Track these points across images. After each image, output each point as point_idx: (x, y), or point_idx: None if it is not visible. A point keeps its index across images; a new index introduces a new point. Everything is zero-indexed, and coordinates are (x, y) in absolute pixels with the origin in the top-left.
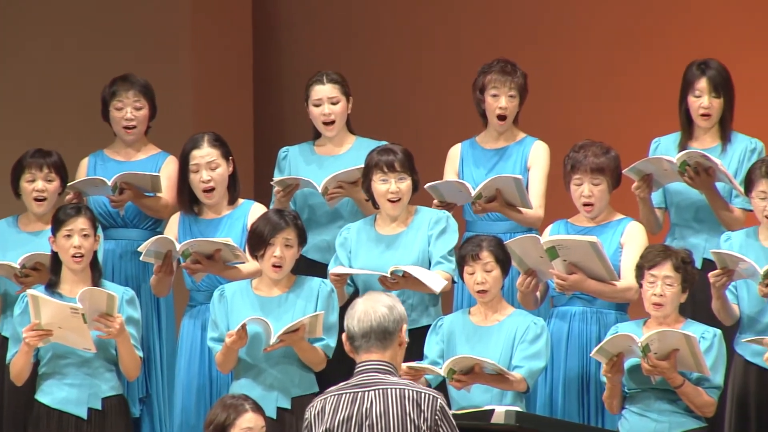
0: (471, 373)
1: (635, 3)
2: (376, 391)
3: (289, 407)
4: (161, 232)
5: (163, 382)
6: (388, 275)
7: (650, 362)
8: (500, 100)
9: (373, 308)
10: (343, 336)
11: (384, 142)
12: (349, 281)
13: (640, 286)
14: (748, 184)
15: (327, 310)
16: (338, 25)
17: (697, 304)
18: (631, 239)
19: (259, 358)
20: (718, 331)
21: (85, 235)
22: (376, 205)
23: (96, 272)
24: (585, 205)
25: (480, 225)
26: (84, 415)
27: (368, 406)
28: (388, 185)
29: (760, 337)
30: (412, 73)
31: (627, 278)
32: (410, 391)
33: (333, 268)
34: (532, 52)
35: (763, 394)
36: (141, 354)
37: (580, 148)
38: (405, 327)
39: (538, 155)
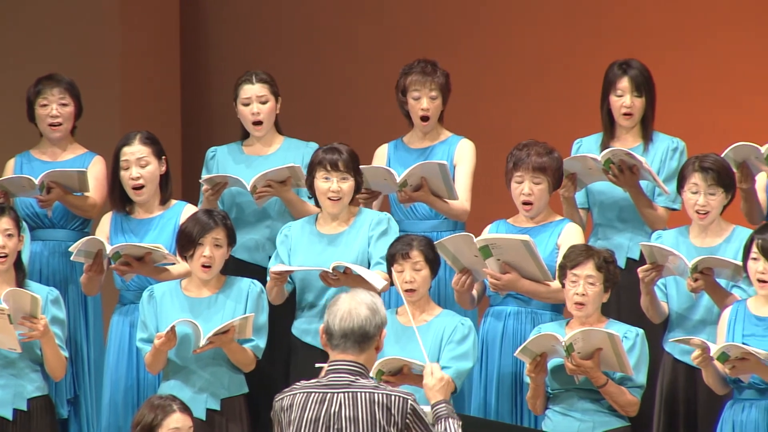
0: (399, 374)
1: (562, 4)
2: (346, 394)
3: (218, 408)
4: (89, 233)
5: (91, 382)
6: (330, 271)
7: (574, 362)
8: (422, 101)
9: (357, 310)
10: (320, 328)
11: (313, 143)
12: (288, 278)
13: (563, 285)
14: (681, 180)
15: (257, 311)
16: (267, 24)
17: (622, 304)
18: (567, 240)
19: (188, 360)
20: (641, 331)
21: (9, 235)
22: (317, 203)
23: (20, 273)
24: (524, 203)
25: (406, 224)
26: (9, 416)
27: (336, 410)
28: (330, 184)
29: (688, 337)
30: (341, 73)
31: None
32: (380, 395)
33: (273, 266)
34: (461, 52)
35: (691, 392)
36: (66, 354)
37: (523, 147)
38: (385, 331)
39: (463, 153)
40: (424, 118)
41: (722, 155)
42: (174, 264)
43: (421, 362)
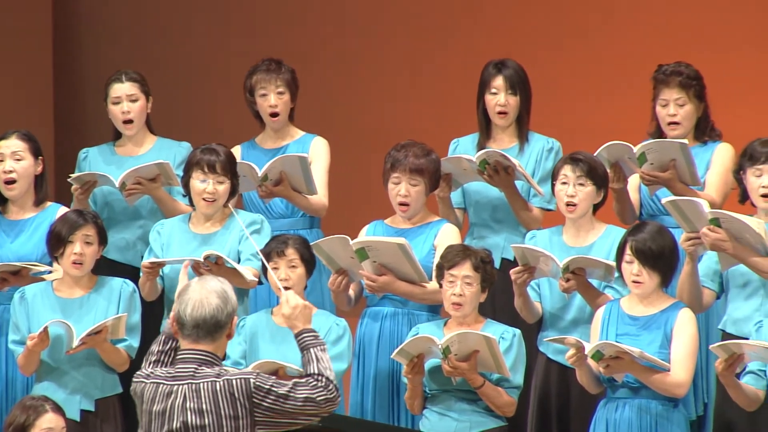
0: (276, 376)
1: (435, 4)
2: (189, 386)
3: (92, 409)
4: None
5: None
6: (202, 261)
7: (451, 364)
8: (269, 98)
9: (208, 299)
10: (171, 315)
11: (186, 143)
12: (161, 273)
13: (441, 286)
14: (553, 176)
15: (129, 310)
16: (141, 25)
17: (497, 304)
18: (444, 241)
19: (61, 361)
20: (518, 331)
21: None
22: (191, 203)
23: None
24: (401, 204)
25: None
26: None
27: (181, 402)
28: (206, 185)
29: (562, 336)
30: (215, 73)
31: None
32: (221, 383)
33: (144, 260)
34: (332, 51)
35: (564, 392)
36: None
37: (401, 148)
38: (236, 318)
39: (318, 150)
40: (274, 115)
41: (595, 154)
42: (51, 272)
43: (296, 366)
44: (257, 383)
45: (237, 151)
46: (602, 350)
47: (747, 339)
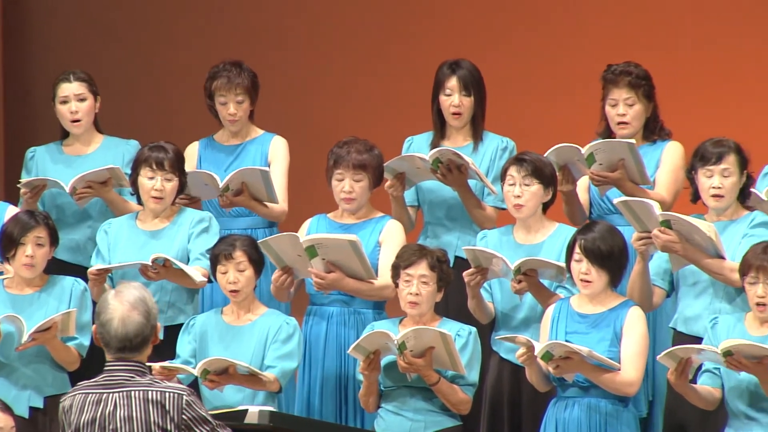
0: (225, 374)
1: (390, 3)
2: (120, 394)
3: (41, 407)
4: None
5: None
6: (150, 264)
7: (406, 359)
8: (229, 106)
9: (130, 317)
10: (94, 328)
11: (134, 141)
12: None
13: (396, 285)
14: (502, 176)
15: (80, 308)
16: (91, 25)
17: (450, 302)
18: (389, 237)
19: (11, 357)
20: (473, 329)
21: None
22: (140, 201)
23: None
24: (345, 200)
25: (220, 221)
26: None
27: (111, 410)
28: (154, 182)
29: (512, 335)
30: (166, 72)
31: (384, 276)
32: (154, 393)
33: (91, 267)
34: (284, 51)
35: (515, 391)
36: None
37: (344, 144)
38: (159, 325)
39: (277, 151)
40: (232, 122)
41: (544, 156)
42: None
43: (245, 363)
44: (188, 399)
45: (195, 147)
46: (552, 350)
47: (697, 337)
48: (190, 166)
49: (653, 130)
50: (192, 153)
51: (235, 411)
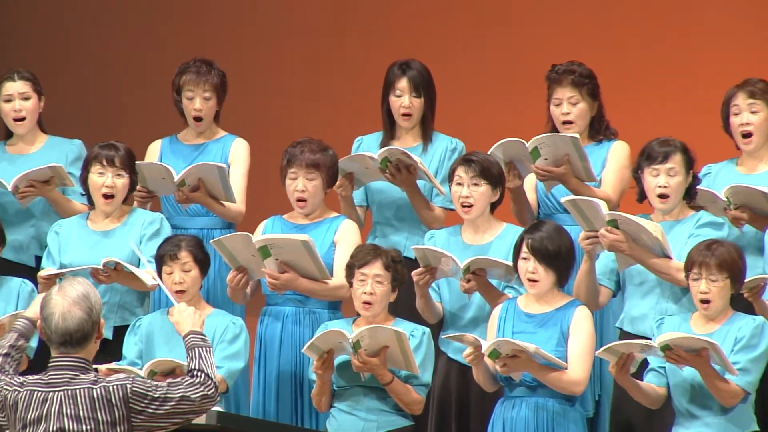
0: (172, 374)
1: (338, 2)
2: (66, 392)
3: None
4: None
5: None
6: (101, 268)
7: (360, 358)
8: (195, 101)
9: (71, 312)
10: (38, 324)
11: (77, 140)
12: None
13: (351, 284)
14: (450, 176)
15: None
16: (37, 24)
17: (399, 302)
18: (344, 237)
19: None
20: (427, 330)
21: None
22: (90, 200)
23: None
24: (299, 200)
25: (177, 220)
26: None
27: (57, 408)
28: (105, 179)
29: (460, 334)
30: (113, 72)
31: (339, 276)
32: (98, 390)
33: (41, 272)
34: (234, 51)
35: (463, 391)
36: None
37: (297, 144)
38: (103, 321)
39: (238, 153)
40: (198, 119)
41: (489, 152)
42: None
43: None
44: (134, 388)
45: (157, 145)
46: (499, 348)
47: (644, 337)
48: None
49: (599, 130)
50: (154, 150)
51: None
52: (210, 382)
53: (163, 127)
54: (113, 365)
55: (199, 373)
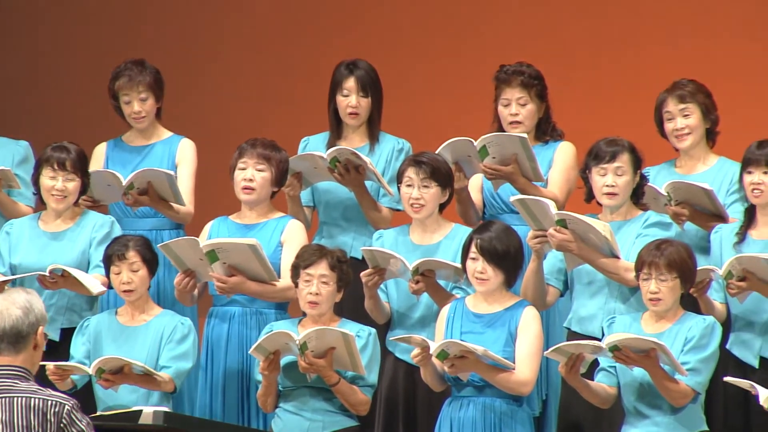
0: (120, 372)
1: (286, 2)
2: (3, 400)
3: None
4: None
5: None
6: (47, 274)
7: (307, 360)
8: (133, 105)
9: (8, 310)
10: None
11: (23, 141)
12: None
13: (296, 285)
14: (398, 177)
15: None
16: None
17: (345, 303)
18: (290, 237)
19: None
20: (373, 330)
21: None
22: (42, 201)
23: None
24: (244, 189)
25: (125, 222)
26: None
27: None
28: (56, 182)
29: (408, 335)
30: (66, 74)
31: (287, 277)
32: (36, 400)
33: None
34: (182, 51)
35: (410, 391)
36: None
37: (251, 140)
38: (42, 329)
39: (185, 153)
40: (137, 120)
41: (437, 152)
42: None
43: (140, 362)
44: (70, 409)
45: (102, 148)
46: (447, 349)
47: (592, 337)
48: (97, 166)
49: (545, 131)
50: (99, 154)
51: (129, 411)
52: None
53: (113, 128)
54: (61, 363)
55: None
